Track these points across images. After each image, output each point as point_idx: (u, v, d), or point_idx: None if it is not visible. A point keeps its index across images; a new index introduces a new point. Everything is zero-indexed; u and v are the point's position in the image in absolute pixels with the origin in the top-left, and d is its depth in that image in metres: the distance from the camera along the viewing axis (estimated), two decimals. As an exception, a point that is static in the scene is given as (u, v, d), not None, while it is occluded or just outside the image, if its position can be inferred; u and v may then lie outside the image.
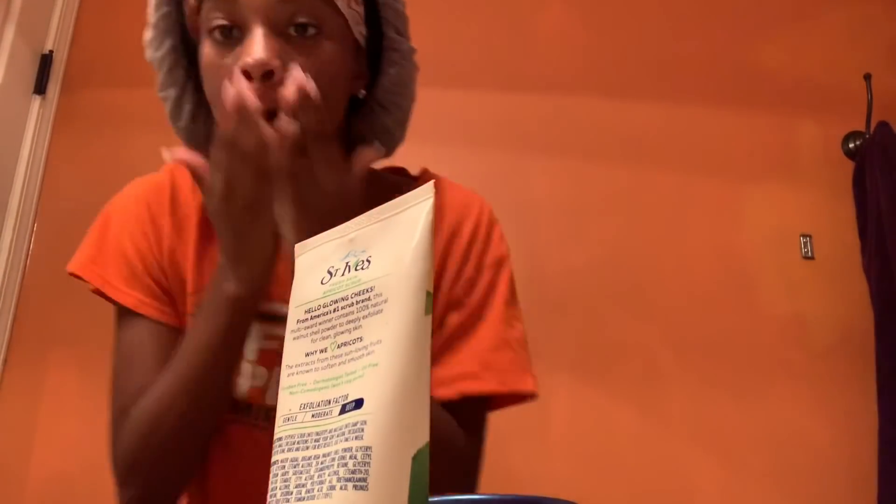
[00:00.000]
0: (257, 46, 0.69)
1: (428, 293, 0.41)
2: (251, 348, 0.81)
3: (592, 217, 2.04)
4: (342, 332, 0.43)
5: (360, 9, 0.78)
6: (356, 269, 0.44)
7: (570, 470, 1.86)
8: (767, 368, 1.95)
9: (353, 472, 0.37)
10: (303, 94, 0.66)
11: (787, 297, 2.00)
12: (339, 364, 0.42)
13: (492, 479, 1.84)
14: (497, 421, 1.90)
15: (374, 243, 0.44)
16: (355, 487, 0.37)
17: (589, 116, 2.11)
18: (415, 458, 0.38)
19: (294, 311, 0.46)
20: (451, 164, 2.07)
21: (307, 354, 0.44)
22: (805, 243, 2.04)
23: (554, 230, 2.03)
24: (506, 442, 1.87)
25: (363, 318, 0.42)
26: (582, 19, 2.20)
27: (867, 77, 2.09)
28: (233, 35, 0.73)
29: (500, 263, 0.92)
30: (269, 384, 0.81)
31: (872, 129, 2.04)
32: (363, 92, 0.86)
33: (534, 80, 2.14)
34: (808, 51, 2.19)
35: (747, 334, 1.97)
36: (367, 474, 0.37)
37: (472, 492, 0.75)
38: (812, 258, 2.04)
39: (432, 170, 1.01)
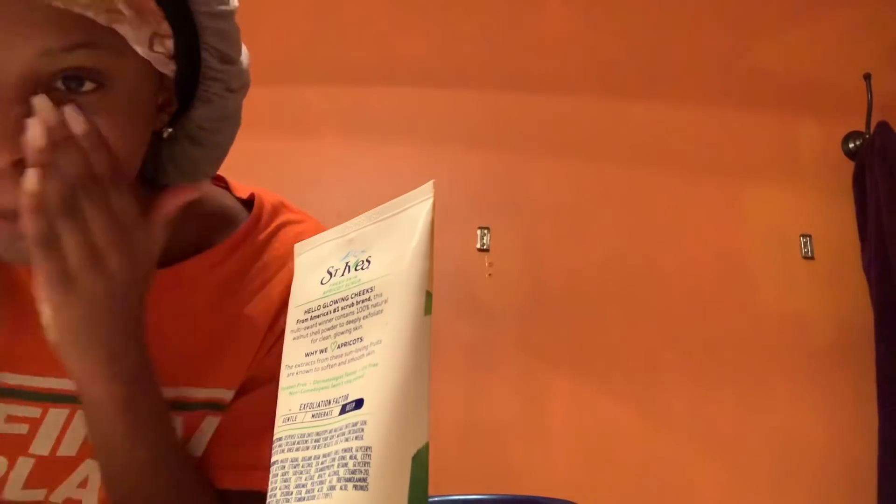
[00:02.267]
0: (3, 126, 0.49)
1: (428, 293, 0.41)
2: None
3: (592, 217, 2.04)
4: (342, 333, 0.43)
5: (169, 45, 0.55)
6: (356, 270, 0.44)
7: (570, 470, 1.86)
8: (767, 368, 1.95)
9: (353, 472, 0.37)
10: (58, 136, 0.49)
11: (786, 296, 2.00)
12: (339, 364, 0.42)
13: (492, 479, 1.84)
14: (497, 421, 1.91)
15: (373, 243, 0.44)
16: (355, 487, 0.37)
17: (589, 116, 2.11)
18: (414, 458, 0.38)
19: (294, 311, 0.46)
20: (451, 164, 2.08)
21: (307, 354, 0.44)
22: (805, 243, 2.04)
23: (554, 230, 2.03)
24: (506, 442, 1.87)
25: (363, 318, 0.42)
26: (582, 19, 2.20)
27: (867, 77, 2.09)
28: None
29: None
30: (12, 474, 0.62)
31: (872, 129, 2.04)
32: (168, 130, 0.63)
33: (534, 80, 2.14)
34: (808, 51, 2.19)
35: (747, 334, 1.97)
36: (367, 474, 0.37)
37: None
38: (812, 258, 2.04)
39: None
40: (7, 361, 0.61)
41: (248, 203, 0.73)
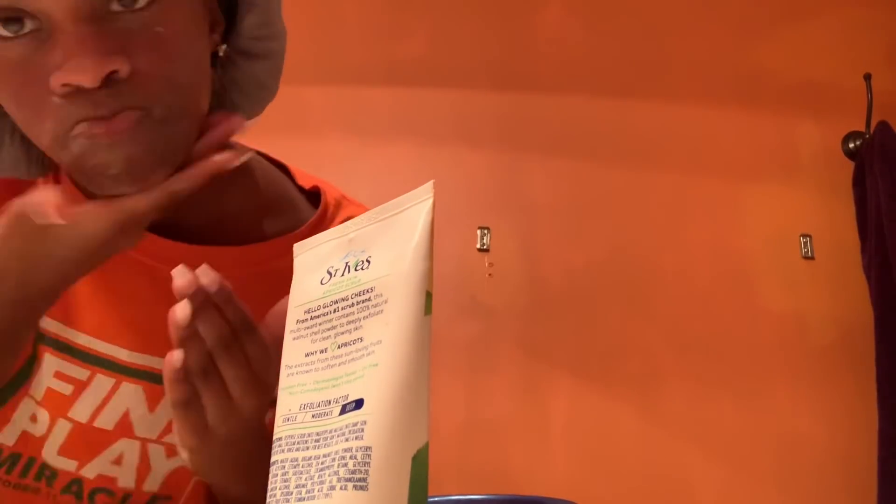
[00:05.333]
0: (82, 50, 0.48)
1: (428, 293, 0.41)
2: (39, 384, 0.62)
3: (592, 217, 2.04)
4: (343, 333, 0.43)
5: None
6: (356, 270, 0.44)
7: (570, 470, 1.86)
8: (767, 368, 1.95)
9: (353, 472, 0.37)
10: (197, 303, 0.49)
11: (786, 296, 2.00)
12: (340, 364, 0.42)
13: (492, 479, 1.84)
14: (497, 421, 1.91)
15: (373, 243, 0.44)
16: (355, 487, 0.37)
17: (589, 116, 2.11)
18: (415, 458, 0.38)
19: (294, 311, 0.46)
20: (451, 164, 2.08)
21: (307, 355, 0.44)
22: (805, 243, 2.04)
23: (554, 230, 2.02)
24: (506, 442, 1.87)
25: (363, 318, 0.42)
26: (582, 19, 2.20)
27: (867, 77, 2.09)
28: (24, 27, 0.49)
29: None
30: (50, 436, 0.62)
31: (872, 129, 2.04)
32: (223, 47, 0.64)
33: (534, 80, 2.14)
34: (808, 51, 2.19)
35: (747, 334, 1.97)
36: (367, 474, 0.37)
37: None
38: (812, 258, 2.04)
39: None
40: (66, 316, 0.61)
41: (310, 194, 0.74)
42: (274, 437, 0.43)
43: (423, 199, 0.43)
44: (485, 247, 1.99)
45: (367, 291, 0.43)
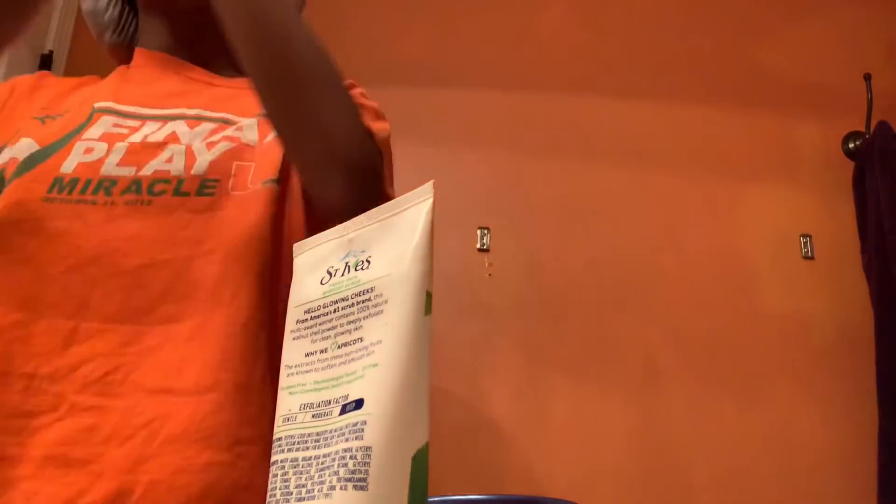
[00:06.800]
0: None
1: (428, 293, 0.41)
2: (94, 132, 0.75)
3: (592, 217, 2.04)
4: (343, 333, 0.43)
5: None
6: (356, 270, 0.44)
7: (570, 470, 1.86)
8: (767, 368, 1.95)
9: (353, 472, 0.37)
10: None
11: (787, 297, 2.01)
12: (340, 364, 0.42)
13: (492, 479, 1.84)
14: (497, 421, 1.91)
15: (373, 243, 0.44)
16: (355, 487, 0.37)
17: (589, 116, 2.11)
18: (414, 458, 0.38)
19: (294, 312, 0.46)
20: (451, 164, 2.08)
21: (307, 355, 0.44)
22: (805, 243, 2.04)
23: (554, 230, 2.03)
24: (506, 442, 1.87)
25: (363, 318, 0.42)
26: (582, 19, 2.20)
27: (867, 77, 2.09)
28: None
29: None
30: (109, 156, 0.73)
31: (872, 129, 2.04)
32: None
33: (534, 80, 2.14)
34: (808, 51, 2.19)
35: (747, 334, 1.97)
36: (367, 474, 0.37)
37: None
38: (812, 258, 2.04)
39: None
40: (116, 97, 0.80)
41: None
42: (274, 438, 0.43)
43: (423, 199, 0.43)
44: (485, 247, 1.99)
45: (368, 291, 0.43)
